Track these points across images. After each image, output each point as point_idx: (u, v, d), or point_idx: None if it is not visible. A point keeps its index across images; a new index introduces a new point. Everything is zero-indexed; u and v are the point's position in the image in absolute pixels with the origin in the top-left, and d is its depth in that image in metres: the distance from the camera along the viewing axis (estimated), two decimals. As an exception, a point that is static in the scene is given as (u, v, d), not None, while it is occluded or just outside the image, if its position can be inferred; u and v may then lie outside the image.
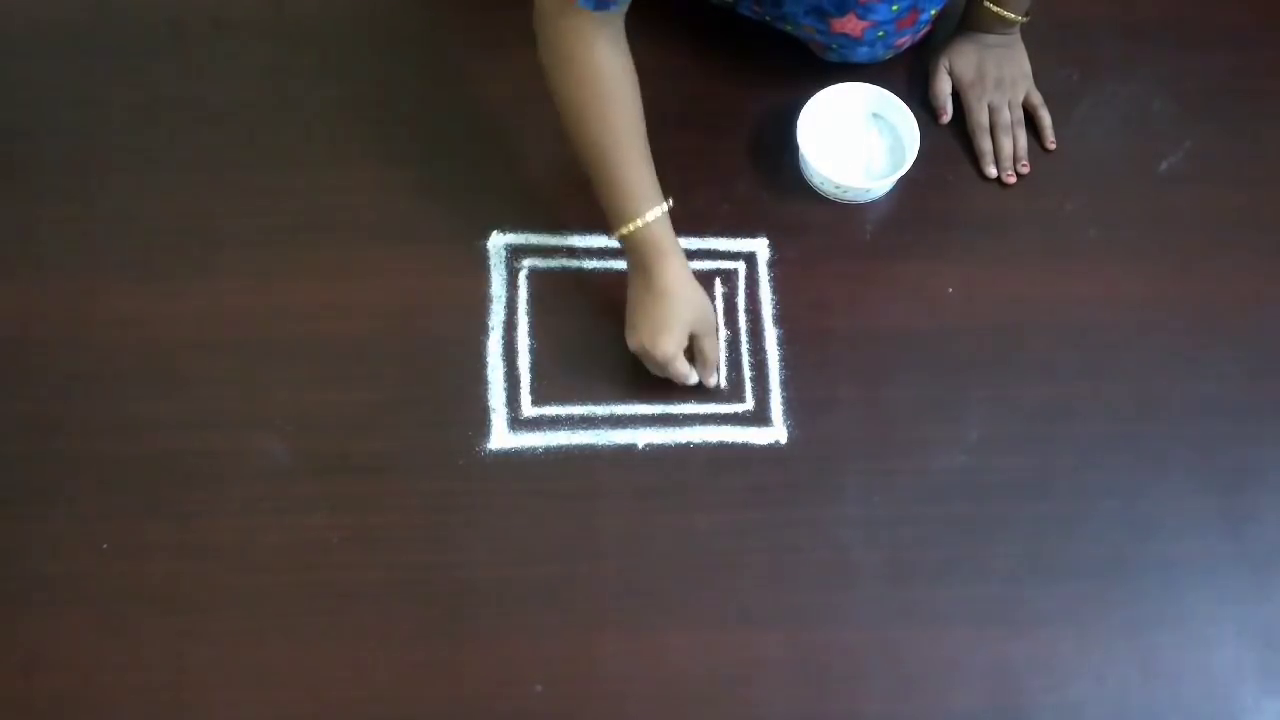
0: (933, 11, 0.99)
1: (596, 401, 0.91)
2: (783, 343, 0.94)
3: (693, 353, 0.89)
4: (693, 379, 0.89)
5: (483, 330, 0.94)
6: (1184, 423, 0.92)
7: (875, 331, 0.95)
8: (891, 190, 0.99)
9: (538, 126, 1.01)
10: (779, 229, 0.98)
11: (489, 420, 0.90)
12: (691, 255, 0.96)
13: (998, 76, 1.02)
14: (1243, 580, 0.87)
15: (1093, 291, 0.97)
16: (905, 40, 1.01)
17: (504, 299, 0.95)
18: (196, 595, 0.85)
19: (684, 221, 0.97)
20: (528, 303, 0.95)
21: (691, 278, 0.87)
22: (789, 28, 0.99)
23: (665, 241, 0.85)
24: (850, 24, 0.95)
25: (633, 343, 0.87)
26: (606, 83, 0.82)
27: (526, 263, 0.97)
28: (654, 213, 0.84)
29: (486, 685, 0.82)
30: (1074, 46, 1.08)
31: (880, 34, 0.97)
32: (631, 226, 0.84)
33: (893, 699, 0.83)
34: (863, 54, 0.99)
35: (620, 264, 0.95)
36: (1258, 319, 0.96)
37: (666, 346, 0.85)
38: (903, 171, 0.96)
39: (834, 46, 0.98)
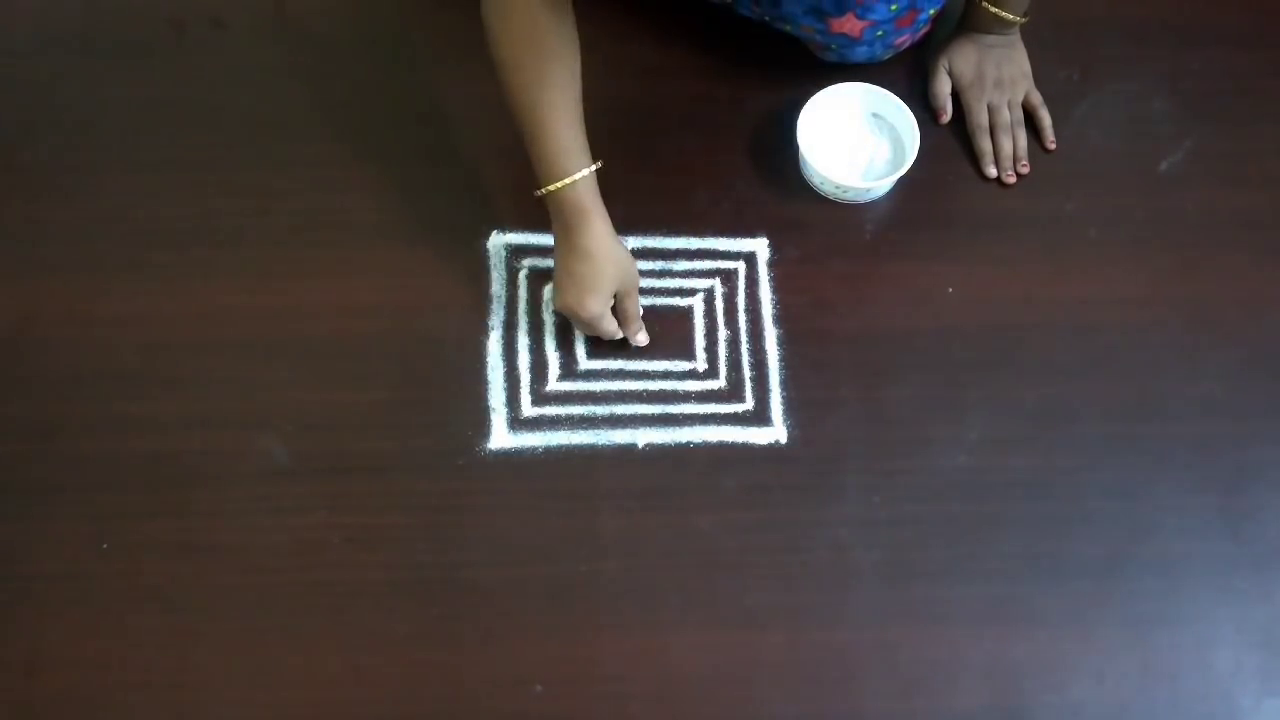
0: (931, 11, 0.99)
1: (596, 402, 0.91)
2: (783, 343, 0.94)
3: (616, 311, 0.90)
4: (619, 335, 0.91)
5: (483, 330, 0.94)
6: (1184, 423, 0.92)
7: (875, 331, 0.95)
8: (891, 190, 0.99)
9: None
10: (779, 229, 0.98)
11: (489, 420, 0.90)
12: (691, 255, 0.97)
13: (997, 77, 1.02)
14: (1243, 580, 0.87)
15: (1093, 291, 0.96)
16: (904, 40, 1.01)
17: (504, 299, 0.95)
18: (196, 595, 0.85)
19: (684, 221, 0.98)
20: (527, 303, 0.95)
21: (615, 237, 0.87)
22: (788, 28, 0.99)
23: (589, 202, 0.85)
24: (849, 24, 0.95)
25: (559, 303, 0.89)
26: (545, 38, 0.81)
27: (526, 263, 0.97)
28: (581, 172, 0.84)
29: (486, 685, 0.82)
30: (1074, 46, 1.07)
31: (879, 34, 0.97)
32: (557, 185, 0.84)
33: (893, 699, 0.83)
34: (861, 54, 0.99)
35: (620, 264, 0.96)
36: (1258, 319, 0.96)
37: (593, 306, 0.87)
38: (903, 171, 0.96)
39: (833, 46, 0.98)
